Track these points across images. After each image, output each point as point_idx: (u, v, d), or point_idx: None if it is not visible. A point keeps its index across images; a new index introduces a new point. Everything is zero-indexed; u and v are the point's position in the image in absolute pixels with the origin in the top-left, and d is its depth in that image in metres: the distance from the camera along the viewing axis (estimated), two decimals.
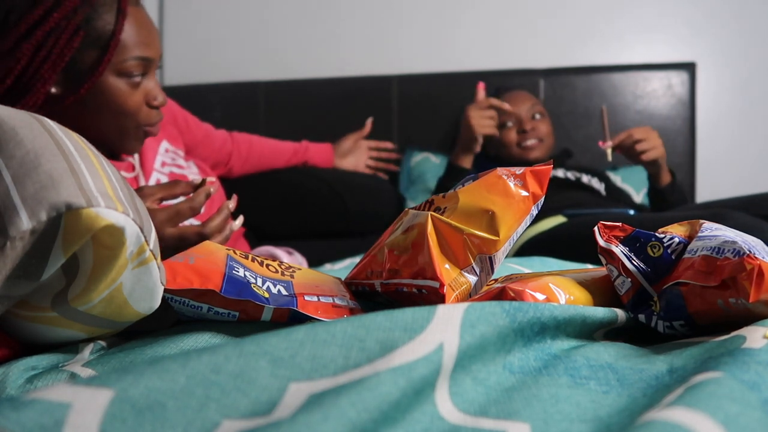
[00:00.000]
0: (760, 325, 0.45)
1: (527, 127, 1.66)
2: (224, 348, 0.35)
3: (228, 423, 0.32)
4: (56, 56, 0.85)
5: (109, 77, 0.90)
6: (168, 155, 1.14)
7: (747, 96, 1.97)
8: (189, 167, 1.19)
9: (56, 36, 0.85)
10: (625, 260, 0.56)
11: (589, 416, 0.37)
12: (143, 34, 0.92)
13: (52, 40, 0.84)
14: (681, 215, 1.00)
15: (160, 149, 1.13)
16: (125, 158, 1.05)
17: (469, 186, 0.59)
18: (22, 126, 0.44)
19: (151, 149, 1.10)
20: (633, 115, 1.95)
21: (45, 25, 0.84)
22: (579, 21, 2.03)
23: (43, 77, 0.85)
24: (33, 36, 0.83)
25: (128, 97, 0.92)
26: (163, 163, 1.12)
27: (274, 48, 2.17)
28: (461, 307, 0.41)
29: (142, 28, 0.92)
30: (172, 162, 1.14)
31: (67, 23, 0.85)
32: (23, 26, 0.83)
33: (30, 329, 0.50)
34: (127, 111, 0.93)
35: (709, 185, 1.90)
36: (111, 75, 0.90)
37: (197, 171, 1.22)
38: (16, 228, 0.40)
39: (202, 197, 0.79)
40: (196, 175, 1.19)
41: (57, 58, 0.85)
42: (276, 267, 0.66)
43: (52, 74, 0.86)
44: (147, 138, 1.02)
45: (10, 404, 0.29)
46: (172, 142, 1.20)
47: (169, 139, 1.19)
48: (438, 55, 2.08)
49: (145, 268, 0.48)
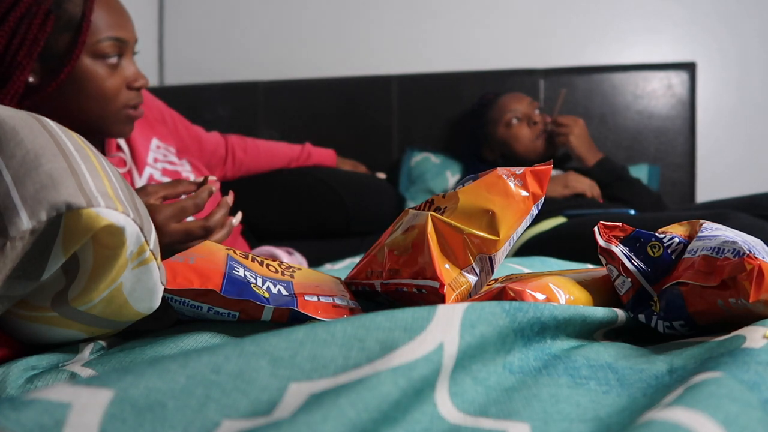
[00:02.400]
0: (760, 325, 0.45)
1: (537, 119, 1.69)
2: (224, 348, 0.35)
3: (228, 423, 0.32)
4: (30, 42, 0.85)
5: (86, 60, 0.91)
6: (160, 152, 1.15)
7: (747, 96, 1.97)
8: (182, 164, 1.19)
9: (28, 21, 0.85)
10: (625, 260, 0.56)
11: (588, 416, 0.37)
12: (115, 16, 0.92)
13: (24, 25, 0.85)
14: (681, 215, 1.00)
15: (151, 146, 1.13)
16: (115, 154, 1.05)
17: (469, 186, 0.59)
18: (22, 126, 0.44)
19: (142, 145, 1.10)
20: (633, 115, 1.95)
21: (16, 11, 0.84)
22: (579, 21, 2.03)
23: (20, 64, 0.86)
24: (5, 23, 0.84)
25: (106, 79, 0.92)
26: (156, 159, 1.12)
27: (274, 48, 2.17)
28: (461, 307, 0.41)
29: (112, 10, 0.92)
30: (164, 158, 1.14)
31: (37, 8, 0.85)
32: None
33: (30, 329, 0.50)
34: (107, 94, 0.93)
35: (709, 185, 1.90)
36: (87, 58, 0.91)
37: (191, 169, 1.22)
38: (16, 228, 0.40)
39: (205, 194, 0.80)
40: (190, 173, 1.19)
41: (31, 43, 0.86)
42: (276, 267, 0.66)
43: (29, 60, 0.86)
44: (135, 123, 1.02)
45: (10, 404, 0.29)
46: (162, 139, 1.20)
47: (159, 136, 1.19)
48: (438, 55, 2.08)
49: (145, 268, 0.48)
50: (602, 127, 1.96)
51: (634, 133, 1.95)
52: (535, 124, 1.69)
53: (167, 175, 1.11)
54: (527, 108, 1.71)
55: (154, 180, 1.08)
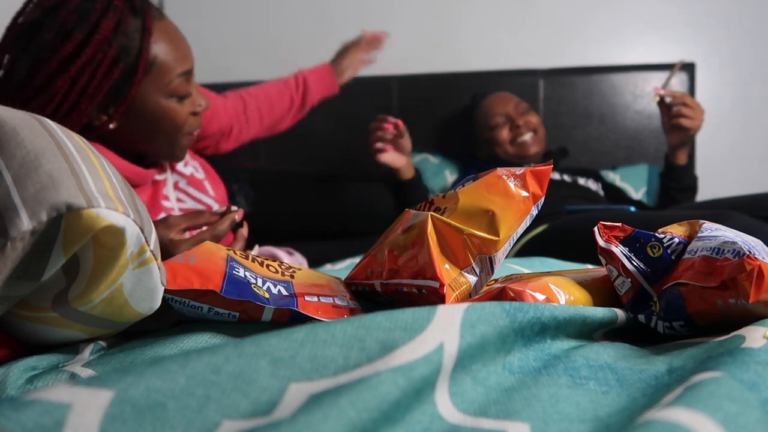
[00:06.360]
0: (759, 325, 0.45)
1: (520, 122, 1.66)
2: (224, 348, 0.35)
3: (228, 423, 0.32)
4: (93, 90, 0.85)
5: (161, 100, 0.91)
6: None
7: (747, 96, 1.97)
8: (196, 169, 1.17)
9: (92, 70, 0.84)
10: (624, 260, 0.56)
11: (588, 416, 0.37)
12: (178, 48, 0.91)
13: (87, 73, 0.84)
14: (681, 215, 1.00)
15: None
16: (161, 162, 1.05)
17: (469, 186, 0.59)
18: (22, 126, 0.44)
19: None
20: (633, 115, 1.95)
21: (78, 60, 0.83)
22: (579, 21, 2.03)
23: (80, 110, 0.85)
24: (66, 72, 0.83)
25: (179, 113, 0.93)
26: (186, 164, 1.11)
27: (274, 48, 2.17)
28: (461, 307, 0.41)
29: (174, 42, 0.91)
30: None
31: (103, 56, 0.84)
32: (54, 62, 0.82)
33: (30, 329, 0.50)
34: (179, 126, 0.94)
35: (709, 185, 1.89)
36: (162, 98, 0.90)
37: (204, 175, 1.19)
38: (17, 228, 0.40)
39: (225, 225, 0.79)
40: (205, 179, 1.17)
41: (93, 92, 0.85)
42: (276, 267, 0.66)
43: (89, 106, 0.86)
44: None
45: (10, 404, 0.29)
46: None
47: None
48: (438, 55, 2.08)
49: (145, 269, 0.48)
50: (602, 127, 1.96)
51: (634, 133, 1.95)
52: (517, 127, 1.66)
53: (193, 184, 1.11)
54: (512, 110, 1.68)
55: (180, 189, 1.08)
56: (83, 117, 0.86)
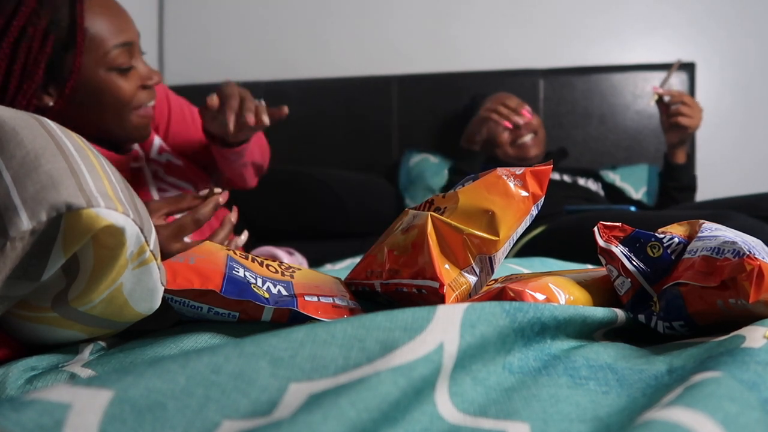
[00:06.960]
0: (759, 325, 0.45)
1: (519, 123, 1.65)
2: (224, 348, 0.35)
3: (228, 423, 0.32)
4: (31, 66, 0.82)
5: (100, 73, 0.88)
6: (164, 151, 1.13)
7: (747, 96, 1.97)
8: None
9: (27, 45, 0.82)
10: (624, 260, 0.56)
11: (588, 416, 0.37)
12: (114, 20, 0.89)
13: (24, 49, 0.82)
14: (681, 215, 1.00)
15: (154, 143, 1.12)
16: (129, 147, 1.02)
17: (469, 186, 0.59)
18: (22, 126, 0.44)
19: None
20: (633, 115, 1.95)
21: (8, 36, 0.81)
22: (579, 21, 2.03)
23: (24, 91, 0.83)
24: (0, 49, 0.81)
25: (123, 86, 0.90)
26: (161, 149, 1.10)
27: (274, 48, 2.17)
28: (461, 307, 0.41)
29: (109, 13, 0.89)
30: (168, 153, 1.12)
31: (34, 30, 0.82)
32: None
33: (30, 329, 0.50)
34: (125, 100, 0.91)
35: (709, 185, 1.90)
36: (101, 71, 0.88)
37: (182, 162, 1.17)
38: (16, 228, 0.40)
39: (207, 209, 0.76)
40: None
41: (32, 68, 0.83)
42: (276, 267, 0.66)
43: (31, 86, 0.83)
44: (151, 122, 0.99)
45: (10, 404, 0.29)
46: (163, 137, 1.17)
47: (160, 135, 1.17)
48: (438, 55, 2.09)
49: (145, 269, 0.48)
50: (602, 127, 1.96)
51: (634, 133, 1.95)
52: (517, 128, 1.65)
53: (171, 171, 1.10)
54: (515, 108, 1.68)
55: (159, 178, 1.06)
56: (29, 99, 0.84)
